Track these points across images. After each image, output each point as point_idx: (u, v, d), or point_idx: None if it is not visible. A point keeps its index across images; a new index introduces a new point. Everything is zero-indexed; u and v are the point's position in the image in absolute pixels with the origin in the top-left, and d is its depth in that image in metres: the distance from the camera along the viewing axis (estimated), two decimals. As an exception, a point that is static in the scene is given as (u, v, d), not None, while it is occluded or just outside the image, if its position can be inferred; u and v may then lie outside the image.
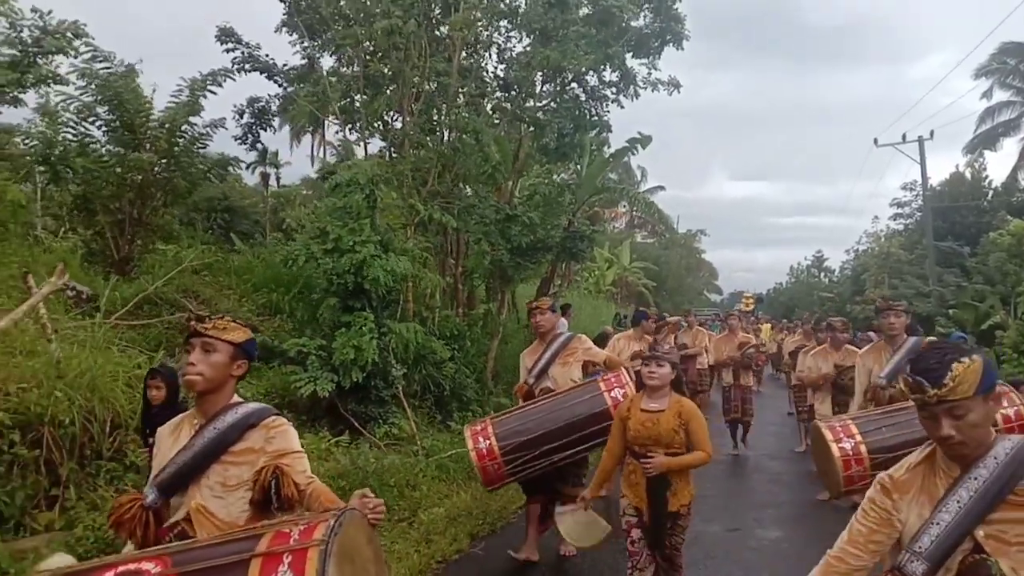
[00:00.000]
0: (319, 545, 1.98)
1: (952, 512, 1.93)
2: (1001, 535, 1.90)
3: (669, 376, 4.04)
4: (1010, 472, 1.92)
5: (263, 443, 2.47)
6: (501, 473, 5.02)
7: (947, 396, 1.89)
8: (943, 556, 1.92)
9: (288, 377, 7.74)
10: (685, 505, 4.03)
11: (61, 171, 9.83)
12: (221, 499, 2.42)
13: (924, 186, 23.33)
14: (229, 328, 2.57)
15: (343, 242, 7.90)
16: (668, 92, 11.40)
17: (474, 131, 9.94)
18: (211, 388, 2.51)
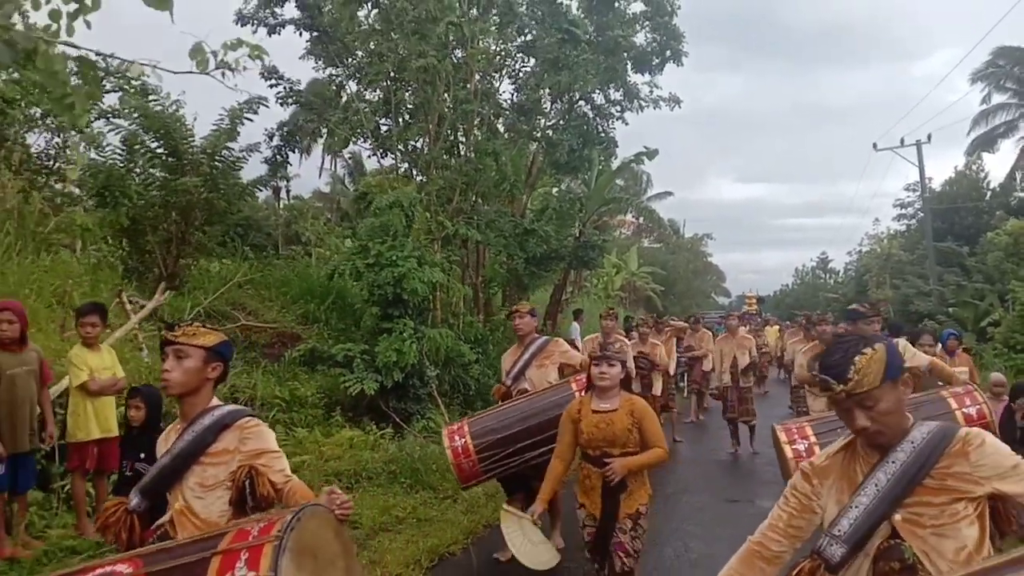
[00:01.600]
0: (274, 541, 2.10)
1: (870, 496, 1.98)
2: (917, 519, 1.95)
3: (619, 376, 4.01)
4: (926, 456, 1.96)
5: (238, 443, 2.58)
6: (476, 471, 5.11)
7: (854, 390, 1.93)
8: (861, 539, 1.96)
9: (337, 378, 8.89)
10: (644, 504, 3.99)
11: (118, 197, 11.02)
12: (201, 499, 2.55)
13: (923, 188, 24.39)
14: (199, 334, 2.71)
15: (383, 257, 9.07)
16: (670, 108, 12.56)
17: (493, 153, 11.12)
18: (187, 392, 2.64)
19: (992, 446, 1.97)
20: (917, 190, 27.29)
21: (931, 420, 3.98)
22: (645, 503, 3.99)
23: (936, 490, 1.94)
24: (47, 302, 8.36)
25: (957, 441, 1.97)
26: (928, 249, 23.48)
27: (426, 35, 10.47)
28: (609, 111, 12.66)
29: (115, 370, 5.22)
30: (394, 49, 10.79)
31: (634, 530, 3.92)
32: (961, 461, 1.95)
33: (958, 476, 1.94)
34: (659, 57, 12.43)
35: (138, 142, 11.30)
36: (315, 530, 2.29)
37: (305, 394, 8.39)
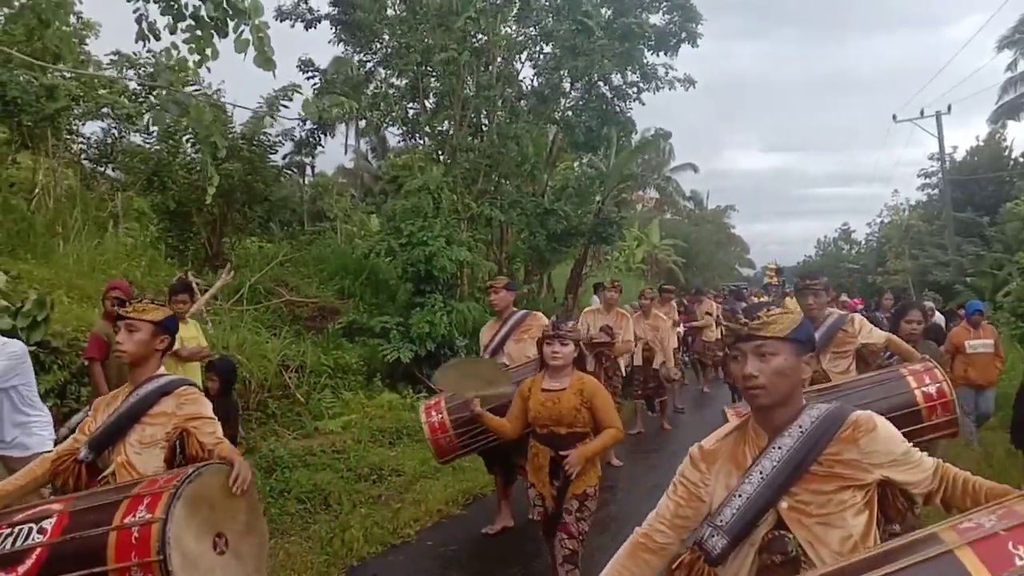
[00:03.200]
0: (171, 489, 2.51)
1: (754, 484, 1.92)
2: (803, 507, 1.90)
3: (572, 355, 4.01)
4: (814, 441, 1.91)
5: (175, 408, 2.93)
6: (454, 445, 5.17)
7: (757, 330, 1.92)
8: (745, 529, 1.92)
9: (375, 348, 9.93)
10: (592, 486, 3.98)
11: (166, 182, 12.09)
12: (140, 455, 2.88)
13: (942, 159, 24.82)
14: (148, 310, 3.04)
15: (415, 237, 10.05)
16: (685, 88, 13.33)
17: (515, 136, 12.01)
18: (138, 361, 3.00)
19: (884, 431, 1.94)
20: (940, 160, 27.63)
21: (890, 399, 3.88)
22: (594, 484, 3.99)
23: (824, 477, 1.89)
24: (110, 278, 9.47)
25: (847, 426, 1.93)
26: (947, 219, 23.97)
27: (449, 27, 11.35)
28: (627, 92, 13.45)
29: (200, 340, 6.25)
30: (420, 40, 11.68)
31: (580, 511, 3.91)
32: (851, 448, 1.91)
33: (847, 463, 1.90)
34: (675, 38, 13.17)
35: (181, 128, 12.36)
36: (216, 485, 2.68)
37: (349, 362, 9.45)
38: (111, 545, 2.49)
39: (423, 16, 11.70)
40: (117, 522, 2.52)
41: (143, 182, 12.42)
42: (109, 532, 2.51)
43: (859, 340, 4.94)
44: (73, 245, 9.57)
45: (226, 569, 2.67)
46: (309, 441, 7.44)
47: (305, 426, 7.91)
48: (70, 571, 2.49)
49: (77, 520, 2.59)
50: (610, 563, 2.09)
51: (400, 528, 5.61)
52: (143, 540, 2.46)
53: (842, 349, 4.91)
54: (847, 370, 4.87)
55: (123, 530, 2.49)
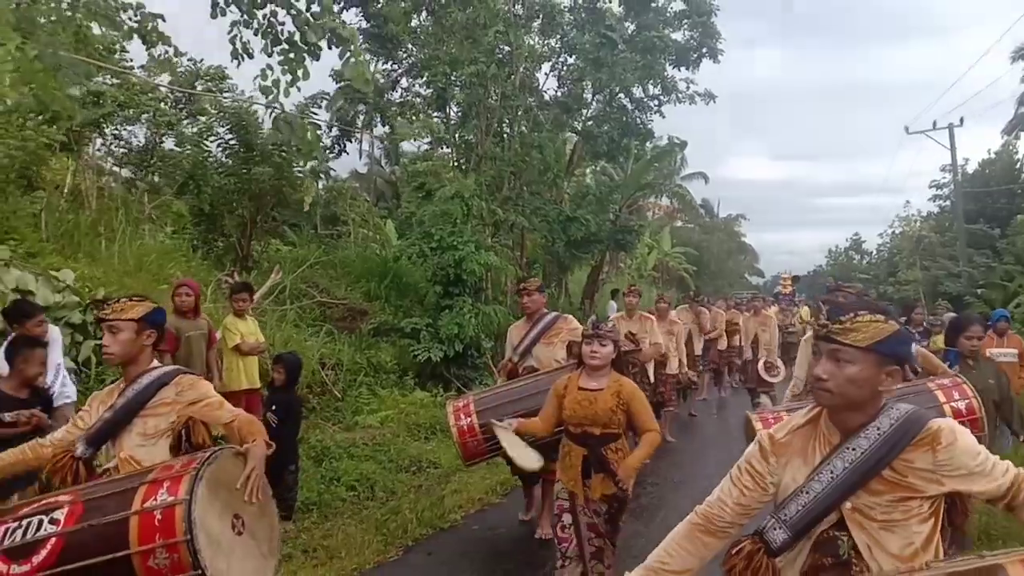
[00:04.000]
0: (192, 472, 2.55)
1: (824, 483, 1.92)
2: (867, 511, 1.89)
3: (611, 355, 4.00)
4: (890, 445, 1.88)
5: (175, 396, 2.93)
6: (482, 449, 5.17)
7: (836, 335, 1.89)
8: (807, 527, 1.93)
9: (406, 348, 10.39)
10: (625, 488, 3.93)
11: (200, 185, 12.58)
12: (143, 447, 2.89)
13: (955, 172, 25.20)
14: (127, 308, 2.96)
15: (445, 242, 10.52)
16: (705, 103, 13.81)
17: (538, 146, 12.49)
18: (127, 361, 2.97)
19: (963, 444, 1.90)
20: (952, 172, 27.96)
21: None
22: (628, 488, 3.94)
23: (893, 484, 1.88)
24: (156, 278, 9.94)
25: (927, 434, 1.90)
26: (959, 231, 24.34)
27: (476, 39, 11.84)
28: (648, 104, 13.93)
29: (258, 335, 6.72)
30: (448, 52, 12.17)
31: (608, 512, 3.94)
32: (926, 456, 1.88)
33: (919, 473, 1.88)
34: (696, 53, 13.66)
35: (213, 133, 12.86)
36: (231, 468, 2.72)
37: (383, 360, 9.90)
38: (133, 528, 2.52)
39: (449, 29, 12.19)
40: (137, 506, 2.54)
41: (179, 185, 12.94)
42: (130, 516, 2.53)
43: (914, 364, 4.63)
44: (119, 245, 10.04)
45: (244, 548, 2.74)
46: (351, 434, 7.89)
47: (345, 420, 8.36)
48: (90, 557, 2.53)
49: (93, 508, 2.61)
50: (666, 540, 2.12)
51: (446, 514, 6.05)
52: (167, 521, 2.49)
53: None
54: None
55: (145, 513, 2.52)
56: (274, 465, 5.55)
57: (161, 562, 2.49)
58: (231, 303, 6.75)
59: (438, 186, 11.12)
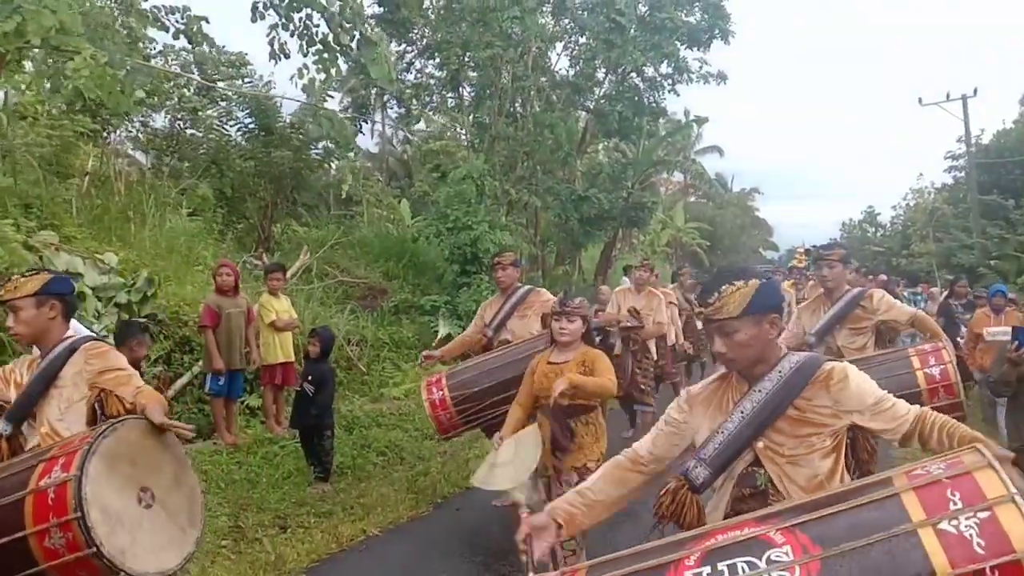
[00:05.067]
0: (85, 447, 2.49)
1: (735, 423, 2.17)
2: (776, 447, 2.14)
3: (580, 331, 4.09)
4: (790, 387, 2.14)
5: (83, 365, 2.88)
6: (455, 422, 5.23)
7: (712, 315, 2.15)
8: (724, 463, 2.17)
9: (426, 324, 10.91)
10: (594, 461, 3.94)
11: (224, 169, 13.08)
12: (62, 421, 2.85)
13: (968, 143, 25.32)
14: (21, 284, 2.91)
15: (460, 222, 10.99)
16: (717, 84, 14.14)
17: (551, 125, 12.88)
18: (36, 337, 2.94)
19: (855, 383, 2.15)
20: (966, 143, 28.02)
21: (889, 379, 3.59)
22: (596, 459, 3.94)
23: (797, 421, 2.13)
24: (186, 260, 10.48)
25: (821, 373, 2.16)
26: (972, 202, 24.52)
27: (488, 22, 12.21)
28: (660, 83, 14.28)
29: (291, 312, 7.22)
30: (460, 35, 12.55)
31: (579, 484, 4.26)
32: (822, 393, 2.14)
33: (818, 408, 2.14)
34: (708, 35, 13.97)
35: (232, 118, 13.34)
36: (134, 440, 2.66)
37: (404, 336, 10.43)
38: (28, 508, 2.47)
39: (461, 12, 12.56)
40: (33, 485, 2.50)
41: (202, 170, 13.44)
42: (26, 497, 2.49)
43: (878, 317, 4.81)
44: (150, 229, 10.56)
45: (154, 522, 2.66)
46: (377, 405, 8.42)
47: (371, 392, 8.90)
48: None
49: None
50: (594, 474, 2.38)
51: (470, 475, 6.56)
52: (59, 499, 2.43)
53: (859, 326, 4.81)
54: (863, 347, 4.75)
55: (39, 492, 2.48)
56: (311, 430, 6.17)
57: (57, 541, 2.44)
58: (266, 282, 7.26)
59: (452, 167, 11.56)
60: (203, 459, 6.14)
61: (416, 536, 5.34)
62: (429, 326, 10.81)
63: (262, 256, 10.25)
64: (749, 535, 1.83)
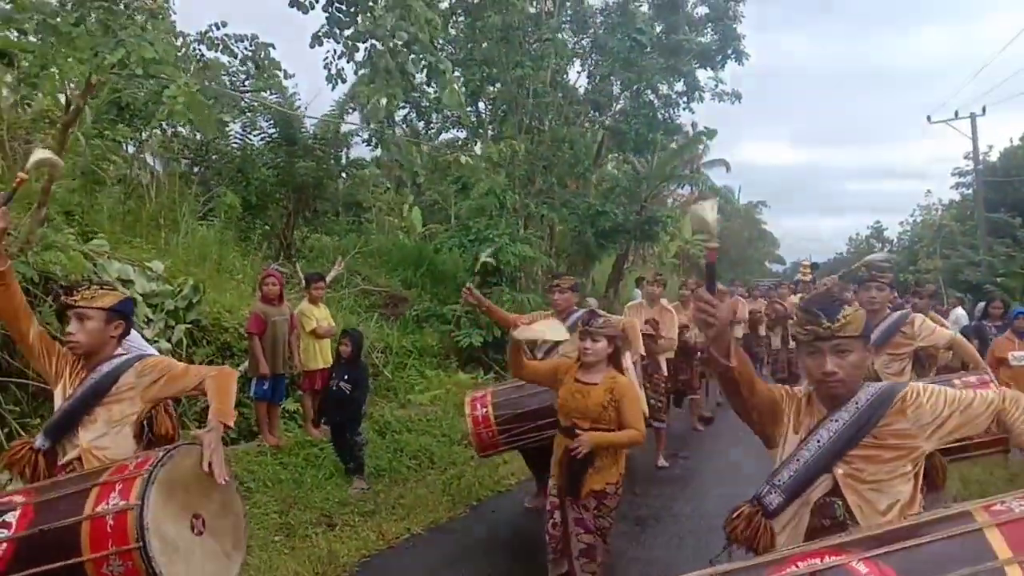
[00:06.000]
0: (144, 474, 2.49)
1: (811, 451, 2.21)
2: (857, 473, 2.17)
3: (605, 351, 4.03)
4: (868, 416, 2.19)
5: (135, 379, 2.87)
6: (495, 441, 5.28)
7: (838, 331, 2.15)
8: (799, 489, 2.20)
9: (447, 333, 11.28)
10: (612, 483, 3.97)
11: (249, 178, 13.47)
12: (107, 435, 2.83)
13: (976, 161, 25.71)
14: (98, 296, 2.92)
15: (482, 234, 11.38)
16: (731, 103, 14.56)
17: (569, 141, 13.29)
18: (93, 351, 2.91)
19: (930, 396, 2.22)
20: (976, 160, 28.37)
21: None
22: (614, 482, 3.98)
23: (878, 447, 2.17)
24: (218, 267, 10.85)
25: (898, 400, 2.21)
26: (979, 219, 24.88)
27: (511, 41, 12.63)
28: (675, 100, 14.71)
29: (330, 320, 7.60)
30: (482, 53, 12.97)
31: (598, 509, 3.93)
32: (900, 419, 2.19)
33: (899, 433, 2.18)
34: (721, 55, 14.41)
35: (257, 128, 13.73)
36: (188, 466, 2.66)
37: (428, 344, 10.80)
38: (85, 535, 2.47)
39: (483, 31, 12.97)
40: (89, 511, 2.49)
41: (228, 178, 13.81)
42: (82, 522, 2.49)
43: (918, 342, 4.82)
44: (182, 236, 10.94)
45: (205, 548, 2.70)
46: (406, 411, 8.78)
47: (399, 398, 9.26)
48: (42, 564, 2.48)
49: (44, 511, 2.56)
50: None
51: (501, 479, 6.93)
52: (119, 528, 2.44)
53: (898, 352, 4.80)
54: (901, 372, 4.77)
55: (96, 519, 2.48)
56: (343, 426, 6.53)
57: (115, 569, 2.46)
58: (307, 291, 7.64)
59: (473, 180, 11.94)
60: (249, 459, 6.52)
61: (457, 535, 5.71)
62: (451, 335, 11.16)
63: (296, 265, 10.59)
64: (831, 564, 1.84)
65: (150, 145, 12.90)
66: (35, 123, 10.92)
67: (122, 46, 3.91)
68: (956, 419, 2.19)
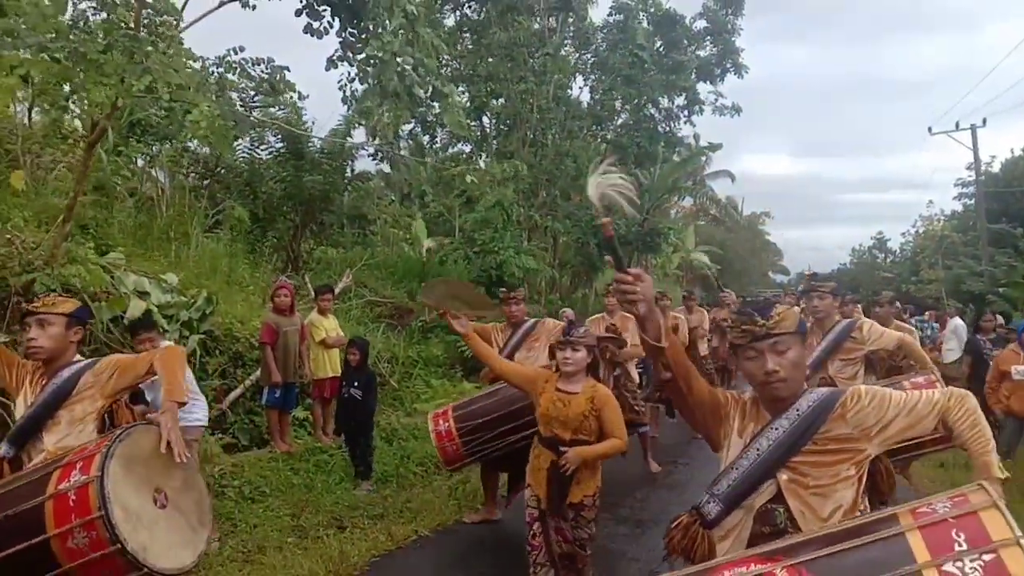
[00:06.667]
0: (103, 450, 2.59)
1: (751, 459, 2.20)
2: (801, 479, 2.15)
3: (585, 360, 4.06)
4: (808, 423, 2.17)
5: (93, 379, 2.99)
6: (460, 454, 5.43)
7: (773, 328, 2.16)
8: (738, 498, 2.19)
9: (451, 344, 11.53)
10: (590, 496, 4.02)
11: (257, 192, 13.78)
12: (72, 435, 2.91)
13: (977, 172, 25.96)
14: (58, 303, 3.02)
15: (487, 247, 11.66)
16: (730, 116, 14.87)
17: (572, 155, 13.60)
18: (54, 356, 3.01)
19: (872, 399, 2.21)
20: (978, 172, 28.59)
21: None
22: (591, 494, 4.04)
23: (820, 452, 2.15)
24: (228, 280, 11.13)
25: (838, 407, 2.20)
26: (981, 230, 25.10)
27: (515, 58, 12.98)
28: (676, 114, 15.03)
29: (339, 331, 7.86)
30: (487, 68, 13.31)
31: (575, 520, 4.02)
32: (840, 424, 2.18)
33: (840, 439, 2.17)
34: (720, 68, 14.73)
35: (264, 143, 14.04)
36: (146, 444, 2.77)
37: (434, 354, 11.06)
38: (49, 513, 2.55)
39: (488, 48, 13.32)
40: (52, 490, 2.58)
41: (237, 192, 14.12)
42: (45, 501, 2.57)
43: (868, 346, 5.06)
44: (193, 249, 11.23)
45: (169, 521, 2.78)
46: (412, 419, 9.02)
47: (405, 407, 9.51)
48: (10, 546, 2.55)
49: (7, 498, 2.65)
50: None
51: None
52: (81, 500, 2.52)
53: (850, 356, 5.03)
54: (854, 376, 4.98)
55: (59, 496, 2.56)
56: (356, 431, 6.80)
57: (80, 541, 2.52)
58: (316, 303, 7.92)
59: (479, 192, 12.23)
60: (262, 465, 6.77)
61: (464, 536, 5.94)
62: (455, 345, 11.41)
63: (305, 277, 10.88)
64: (755, 572, 1.87)
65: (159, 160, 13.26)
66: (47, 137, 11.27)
67: (148, 73, 4.19)
68: (901, 421, 2.17)
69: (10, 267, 5.82)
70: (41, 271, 5.59)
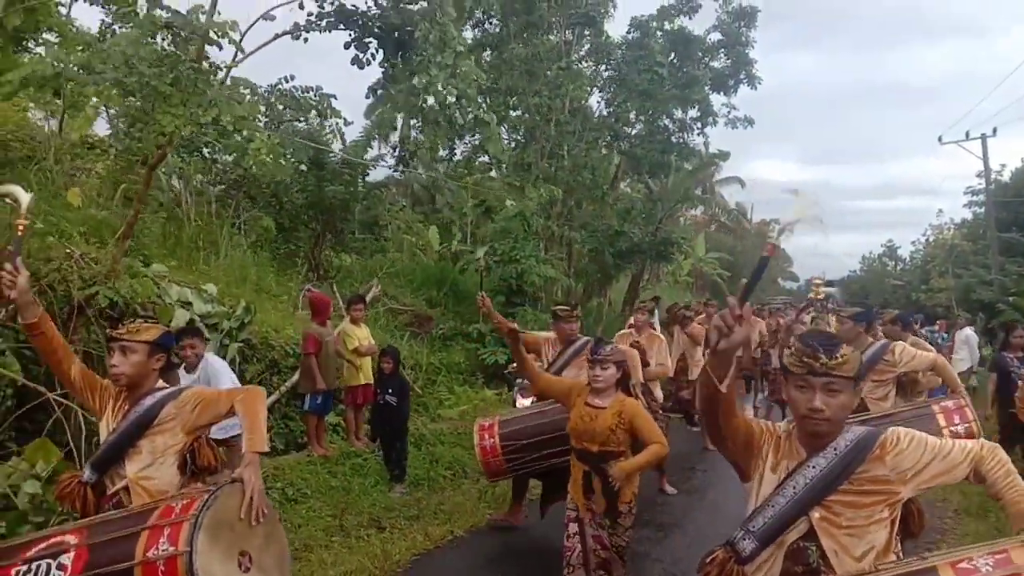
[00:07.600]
0: (191, 519, 2.60)
1: (787, 497, 2.20)
2: (834, 518, 2.16)
3: (614, 377, 4.18)
4: (845, 463, 2.17)
5: (176, 410, 2.99)
6: (503, 469, 5.64)
7: (833, 369, 2.13)
8: (773, 536, 2.20)
9: (472, 351, 11.92)
10: (626, 503, 4.14)
11: (283, 202, 14.20)
12: (152, 466, 2.94)
13: (987, 181, 26.20)
14: (142, 330, 3.04)
15: (507, 256, 12.04)
16: (744, 127, 15.23)
17: (590, 166, 13.98)
18: (136, 383, 3.02)
19: (909, 443, 2.20)
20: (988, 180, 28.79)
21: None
22: (627, 501, 4.15)
23: (856, 493, 2.15)
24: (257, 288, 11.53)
25: (877, 447, 2.19)
26: (991, 239, 25.34)
27: (534, 72, 13.38)
28: (690, 125, 15.42)
29: (370, 339, 8.25)
30: (507, 82, 13.72)
31: (612, 527, 4.14)
32: (878, 465, 2.17)
33: (877, 480, 2.16)
34: (733, 80, 15.11)
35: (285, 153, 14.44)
36: (232, 506, 2.75)
37: (456, 361, 11.45)
38: None
39: (507, 63, 13.72)
40: (140, 556, 2.60)
41: (263, 203, 14.53)
42: (134, 567, 2.59)
43: (900, 368, 5.22)
44: (222, 258, 11.64)
45: None
46: (437, 425, 9.40)
47: (430, 412, 9.90)
48: None
49: (97, 554, 2.67)
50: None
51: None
52: (170, 574, 2.55)
53: (882, 378, 5.20)
54: (885, 397, 5.17)
55: (148, 564, 2.58)
56: (392, 435, 7.20)
57: None
58: (348, 312, 8.31)
59: (500, 206, 12.62)
60: (301, 468, 7.16)
61: (497, 537, 6.30)
62: (476, 353, 11.80)
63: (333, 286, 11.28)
64: None
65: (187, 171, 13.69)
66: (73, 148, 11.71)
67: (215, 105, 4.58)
68: (936, 467, 2.18)
69: (71, 280, 6.21)
70: (102, 284, 5.98)
